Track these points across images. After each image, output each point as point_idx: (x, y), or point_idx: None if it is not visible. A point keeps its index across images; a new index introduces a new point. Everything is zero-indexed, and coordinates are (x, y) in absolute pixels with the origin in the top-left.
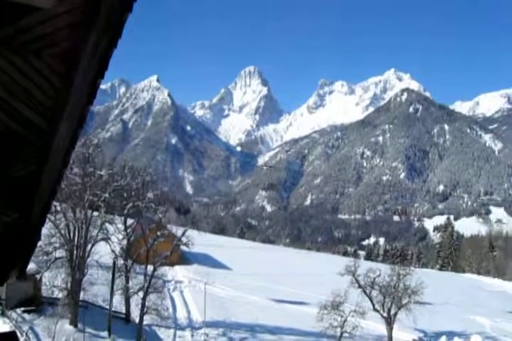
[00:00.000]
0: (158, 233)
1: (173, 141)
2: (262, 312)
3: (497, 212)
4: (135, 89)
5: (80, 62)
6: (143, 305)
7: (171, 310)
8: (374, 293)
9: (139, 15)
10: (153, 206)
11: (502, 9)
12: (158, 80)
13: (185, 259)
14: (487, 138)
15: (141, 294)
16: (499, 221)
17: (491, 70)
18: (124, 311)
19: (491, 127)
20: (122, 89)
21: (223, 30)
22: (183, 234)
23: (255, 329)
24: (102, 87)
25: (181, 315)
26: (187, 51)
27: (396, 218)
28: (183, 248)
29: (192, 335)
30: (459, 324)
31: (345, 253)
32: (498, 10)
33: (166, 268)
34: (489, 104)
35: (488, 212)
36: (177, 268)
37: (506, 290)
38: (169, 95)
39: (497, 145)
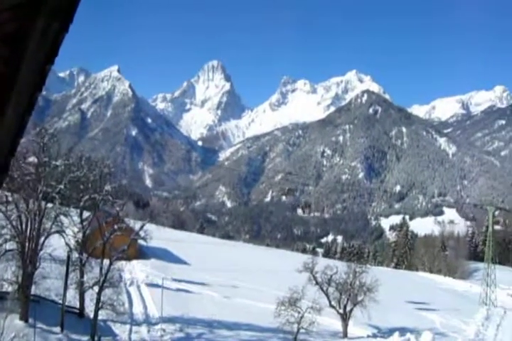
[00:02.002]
0: (116, 226)
1: (133, 133)
2: (220, 307)
3: (449, 213)
4: (95, 79)
5: (26, 47)
6: (98, 300)
7: (127, 305)
8: (331, 289)
9: (102, 4)
10: (111, 199)
11: (458, 18)
12: (119, 71)
13: (142, 254)
14: (442, 141)
15: (96, 289)
16: (451, 222)
17: (447, 76)
18: (78, 306)
19: (445, 131)
20: (81, 78)
21: (187, 23)
22: (141, 228)
23: (213, 325)
24: (60, 75)
25: (138, 310)
26: (149, 42)
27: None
28: (141, 242)
29: (148, 331)
30: (411, 320)
31: (303, 250)
32: (455, 19)
33: (123, 262)
34: (444, 108)
35: (441, 213)
36: (134, 262)
37: (456, 288)
38: (130, 86)
39: (451, 149)
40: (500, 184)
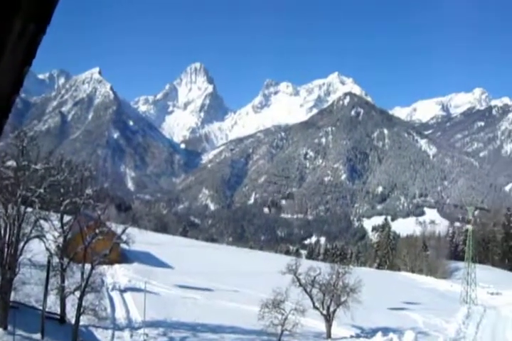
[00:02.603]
0: (97, 230)
1: (115, 136)
2: (204, 311)
3: (430, 213)
4: (75, 81)
5: (3, 49)
6: (79, 306)
7: (109, 310)
8: (314, 291)
9: (82, 5)
10: (92, 202)
11: (438, 21)
12: (100, 73)
13: (125, 258)
14: (423, 143)
15: (77, 294)
16: (432, 222)
17: (428, 78)
18: (58, 312)
19: (426, 133)
20: (61, 80)
21: (169, 25)
22: (123, 231)
23: (196, 329)
24: (40, 77)
25: (120, 315)
26: (131, 44)
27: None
28: (124, 246)
29: (131, 335)
30: (394, 320)
31: (287, 252)
32: (434, 21)
33: (105, 266)
34: (425, 110)
35: (423, 213)
36: (116, 266)
37: (437, 287)
38: (112, 89)
39: (431, 150)
40: (479, 184)
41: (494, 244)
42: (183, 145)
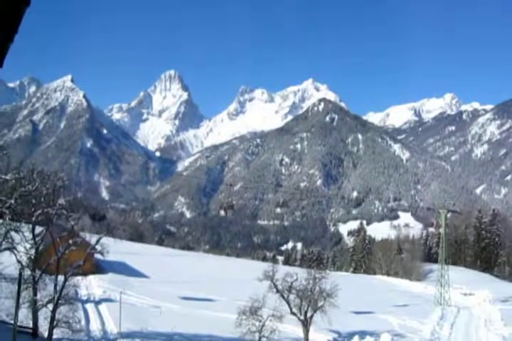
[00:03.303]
0: (70, 241)
1: (88, 144)
2: (181, 320)
3: (404, 217)
4: (47, 89)
5: None
6: (52, 318)
7: (83, 322)
8: (291, 296)
9: (53, 11)
10: (65, 213)
11: (409, 27)
12: (72, 80)
13: (99, 268)
14: (396, 147)
15: (50, 306)
16: (406, 225)
17: (400, 84)
18: (31, 325)
19: (399, 137)
20: (32, 88)
21: (143, 32)
22: (98, 241)
23: (173, 338)
24: (10, 85)
25: (95, 326)
26: (104, 51)
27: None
28: (98, 256)
29: None
30: (370, 323)
31: (264, 259)
32: (405, 28)
33: (79, 278)
34: (398, 115)
35: (397, 217)
36: (91, 277)
37: (412, 289)
38: (84, 97)
39: (405, 155)
40: (451, 187)
41: (466, 246)
42: (158, 153)
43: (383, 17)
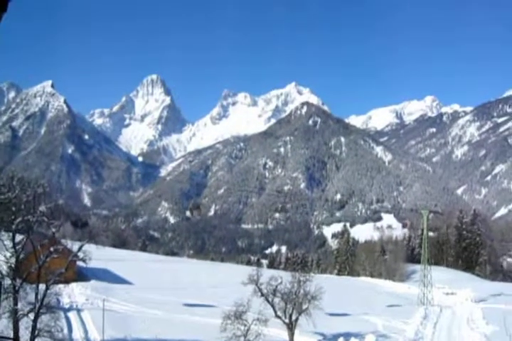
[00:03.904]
0: (52, 249)
1: (70, 150)
2: (165, 326)
3: (387, 218)
4: (26, 94)
5: None
6: (34, 328)
7: (66, 330)
8: (276, 300)
9: (31, 15)
10: (46, 220)
11: (389, 29)
12: (53, 86)
13: (82, 276)
14: (378, 150)
15: (31, 316)
16: (389, 227)
17: (382, 87)
18: (12, 336)
19: (381, 140)
20: (12, 94)
21: (124, 36)
22: (80, 248)
23: None
24: None
25: (78, 335)
26: (85, 56)
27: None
28: (80, 264)
29: None
30: (354, 325)
31: (248, 263)
32: (386, 30)
33: (61, 286)
34: (380, 118)
35: (380, 219)
36: (73, 285)
37: (396, 290)
38: (65, 102)
39: (387, 157)
40: (432, 189)
41: (448, 246)
42: (140, 159)
43: (364, 20)
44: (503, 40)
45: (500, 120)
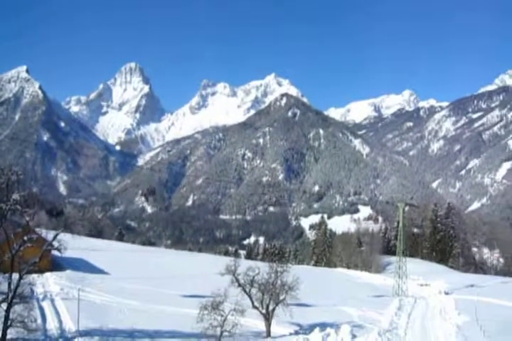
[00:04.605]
0: (25, 237)
1: (45, 137)
2: (142, 316)
3: (364, 211)
4: (0, 80)
5: None
6: (6, 318)
7: (40, 321)
8: (253, 290)
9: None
10: (20, 208)
11: (368, 24)
12: (27, 71)
13: (56, 265)
14: (356, 142)
15: (4, 306)
16: (366, 219)
17: (361, 80)
18: None
19: (360, 133)
20: None
21: (103, 22)
22: (54, 237)
23: (134, 335)
24: None
25: (52, 325)
26: (62, 41)
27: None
28: (55, 253)
29: None
30: (330, 315)
31: (226, 253)
32: (365, 25)
33: (35, 275)
34: (359, 111)
35: (357, 211)
36: (48, 275)
37: (371, 281)
38: (40, 88)
39: (365, 150)
40: (409, 182)
41: (423, 238)
42: (118, 147)
43: (343, 14)
44: (480, 38)
45: (475, 116)
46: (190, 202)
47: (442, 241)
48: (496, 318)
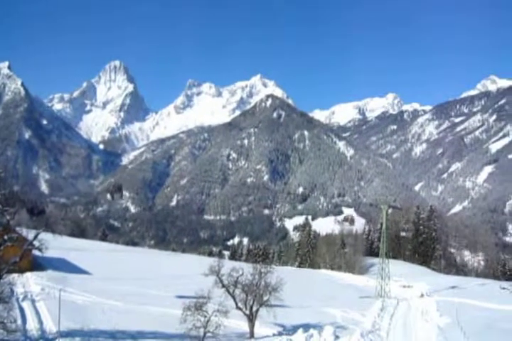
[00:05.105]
0: (6, 237)
1: (27, 135)
2: (124, 317)
3: (348, 212)
4: None
5: None
6: None
7: (19, 321)
8: (237, 291)
9: None
10: (0, 207)
11: (352, 27)
12: (9, 67)
13: (37, 265)
14: (341, 145)
15: None
16: (350, 219)
17: (346, 83)
18: None
19: (344, 135)
20: None
21: (88, 20)
22: (35, 237)
23: (116, 336)
24: None
25: (32, 326)
26: (46, 38)
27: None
28: (36, 253)
29: None
30: (314, 316)
31: (210, 254)
32: (349, 28)
33: (15, 275)
34: (343, 113)
35: (341, 213)
36: (28, 275)
37: (355, 283)
38: (23, 85)
39: (349, 152)
40: (392, 184)
41: (406, 240)
42: (101, 146)
43: (327, 17)
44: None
45: (457, 120)
46: (174, 202)
47: (424, 244)
48: (476, 320)
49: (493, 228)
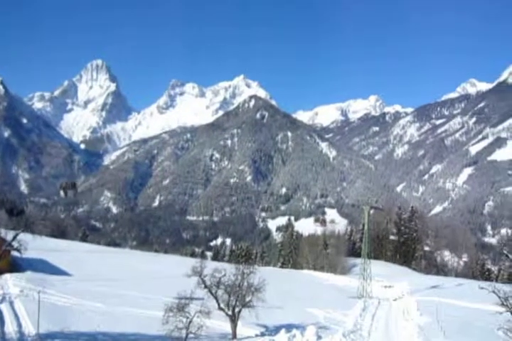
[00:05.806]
0: None
1: (6, 134)
2: (105, 318)
3: (331, 213)
4: None
5: None
6: None
7: None
8: (220, 292)
9: None
10: None
11: (336, 29)
12: None
13: (16, 266)
14: (324, 146)
15: None
16: (332, 221)
17: (329, 84)
18: None
19: (327, 136)
20: None
21: (70, 19)
22: (14, 237)
23: (97, 338)
24: None
25: (11, 328)
26: (25, 35)
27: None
28: (15, 253)
29: None
30: (297, 317)
31: (192, 255)
32: (332, 30)
33: None
34: (326, 115)
35: (324, 213)
36: (7, 276)
37: (337, 283)
38: (2, 83)
39: (332, 153)
40: (374, 185)
41: (387, 241)
42: (83, 146)
43: (309, 18)
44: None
45: (438, 122)
46: (156, 203)
47: (406, 244)
48: (456, 319)
49: (472, 229)
